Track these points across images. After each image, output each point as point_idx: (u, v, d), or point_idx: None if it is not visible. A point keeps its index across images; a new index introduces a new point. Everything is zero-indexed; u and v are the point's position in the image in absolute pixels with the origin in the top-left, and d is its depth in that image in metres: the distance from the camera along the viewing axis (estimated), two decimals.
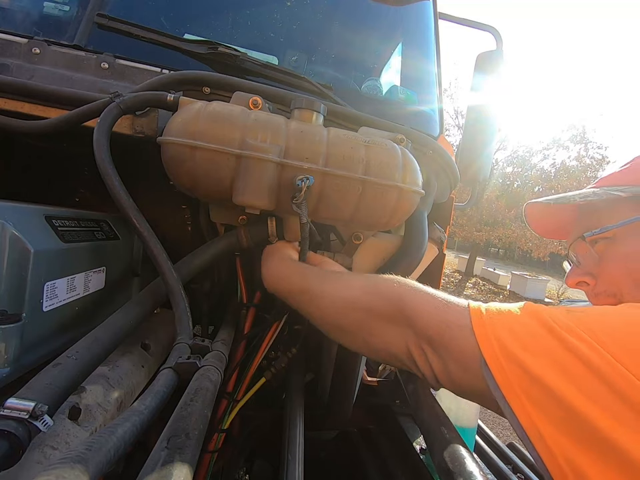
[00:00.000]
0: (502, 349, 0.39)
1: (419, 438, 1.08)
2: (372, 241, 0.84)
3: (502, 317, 0.43)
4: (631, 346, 0.35)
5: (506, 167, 16.13)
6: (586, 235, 0.59)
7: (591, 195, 0.59)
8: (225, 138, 0.62)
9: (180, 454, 0.35)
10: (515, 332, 0.40)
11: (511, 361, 0.38)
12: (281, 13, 1.18)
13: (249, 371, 0.83)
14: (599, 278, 0.59)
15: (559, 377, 0.35)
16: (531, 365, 0.37)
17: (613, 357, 0.34)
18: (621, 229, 0.56)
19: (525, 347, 0.38)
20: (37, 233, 0.53)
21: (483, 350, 0.41)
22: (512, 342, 0.39)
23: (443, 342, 0.46)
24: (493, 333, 0.41)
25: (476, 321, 0.43)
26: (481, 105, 1.25)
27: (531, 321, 0.41)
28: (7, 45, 0.80)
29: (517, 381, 0.37)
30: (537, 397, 0.36)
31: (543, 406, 0.36)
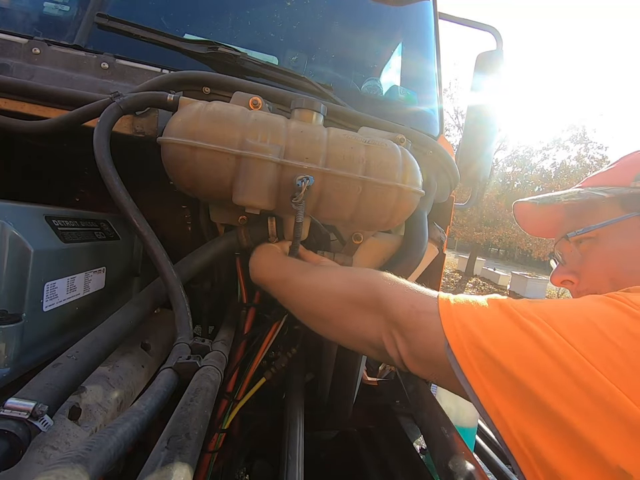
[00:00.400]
0: (464, 332, 0.42)
1: (419, 438, 1.08)
2: (372, 241, 0.84)
3: (467, 305, 0.45)
4: (582, 331, 0.37)
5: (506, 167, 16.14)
6: (569, 234, 0.61)
7: (576, 196, 0.61)
8: (224, 138, 0.62)
9: (180, 454, 0.35)
10: (478, 317, 0.43)
11: (472, 343, 0.41)
12: (281, 13, 1.18)
13: (249, 371, 0.83)
14: (582, 277, 0.60)
15: (514, 357, 0.38)
16: (490, 347, 0.40)
17: (566, 340, 0.37)
18: (604, 229, 0.57)
19: (486, 331, 0.41)
20: (37, 233, 0.53)
21: (447, 334, 0.43)
22: (474, 326, 0.42)
23: (411, 327, 0.48)
24: (457, 319, 0.44)
25: (443, 309, 0.46)
26: (481, 105, 1.25)
27: (494, 308, 0.44)
28: (6, 44, 0.80)
29: (477, 362, 0.40)
30: (494, 376, 0.39)
31: (499, 383, 0.38)
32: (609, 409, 0.33)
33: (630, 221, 0.54)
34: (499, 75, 1.24)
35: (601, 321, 0.38)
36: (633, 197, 0.55)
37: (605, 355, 0.35)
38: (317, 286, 0.62)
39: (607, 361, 0.35)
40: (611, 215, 0.57)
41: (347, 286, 0.58)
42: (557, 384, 0.35)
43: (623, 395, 0.33)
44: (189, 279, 0.70)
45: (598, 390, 0.33)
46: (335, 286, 0.59)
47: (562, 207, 0.66)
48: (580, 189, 0.62)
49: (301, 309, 0.65)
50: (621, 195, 0.56)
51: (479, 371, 0.40)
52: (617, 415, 0.32)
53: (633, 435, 0.32)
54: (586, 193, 0.59)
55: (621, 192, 0.56)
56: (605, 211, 0.58)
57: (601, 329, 0.37)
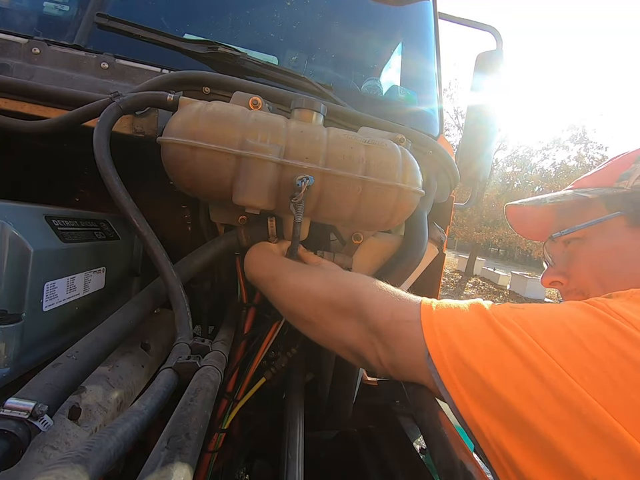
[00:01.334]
0: (444, 341, 0.42)
1: (418, 438, 1.07)
2: (372, 241, 0.84)
3: (449, 312, 0.45)
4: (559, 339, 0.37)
5: (506, 167, 16.13)
6: (554, 235, 0.61)
7: (561, 197, 0.61)
8: (225, 138, 0.62)
9: (180, 454, 0.35)
10: (459, 325, 0.43)
11: (451, 352, 0.41)
12: (281, 13, 1.18)
13: (249, 371, 0.83)
14: (570, 277, 0.60)
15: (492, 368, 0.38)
16: (468, 356, 0.39)
17: (543, 349, 0.36)
18: (590, 229, 0.57)
19: (465, 339, 0.41)
20: (37, 233, 0.53)
21: (428, 342, 0.43)
22: (453, 333, 0.42)
23: (392, 336, 0.47)
24: (438, 327, 0.43)
25: (425, 316, 0.45)
26: (481, 105, 1.25)
27: (474, 315, 0.43)
28: (6, 45, 0.80)
29: (455, 372, 0.40)
30: (471, 386, 0.38)
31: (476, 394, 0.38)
32: (585, 421, 0.32)
33: (614, 220, 0.55)
34: (499, 75, 1.24)
35: (579, 330, 0.37)
36: (617, 197, 0.55)
37: (581, 364, 0.34)
38: (300, 287, 0.61)
39: (584, 370, 0.34)
40: (596, 215, 0.57)
41: (328, 289, 0.57)
42: (533, 395, 0.35)
43: (599, 406, 0.32)
44: (189, 279, 0.70)
45: (574, 401, 0.33)
46: (317, 288, 0.58)
47: (551, 209, 0.67)
48: (568, 190, 0.63)
49: (284, 309, 0.64)
50: (604, 195, 0.56)
51: (457, 381, 0.39)
52: (593, 428, 0.32)
53: (609, 446, 0.31)
54: (571, 194, 0.60)
55: (604, 192, 0.56)
56: (591, 211, 0.58)
57: (578, 337, 0.36)
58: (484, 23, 1.40)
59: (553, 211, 0.67)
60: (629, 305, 0.38)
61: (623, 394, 0.32)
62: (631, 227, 0.53)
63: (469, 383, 0.39)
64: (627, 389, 0.32)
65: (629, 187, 0.54)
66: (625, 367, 0.33)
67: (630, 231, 0.53)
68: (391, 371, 0.50)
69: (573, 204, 0.61)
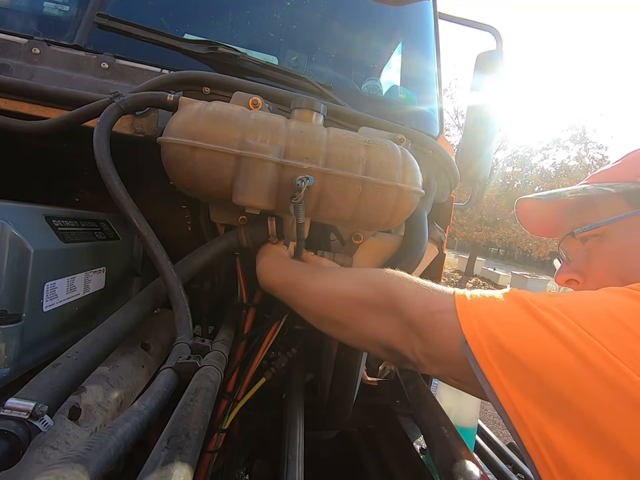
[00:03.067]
0: (482, 329, 0.41)
1: (419, 438, 1.07)
2: (372, 241, 0.84)
3: (485, 300, 0.44)
4: (603, 323, 0.36)
5: (506, 167, 16.14)
6: (576, 231, 0.59)
7: (582, 191, 0.59)
8: (224, 138, 0.62)
9: (180, 454, 0.35)
10: (495, 312, 0.42)
11: (490, 339, 0.40)
12: (281, 13, 1.18)
13: (249, 370, 0.83)
14: (588, 276, 0.58)
15: (533, 353, 0.37)
16: (508, 342, 0.39)
17: (588, 333, 0.36)
18: (611, 225, 0.55)
19: (503, 325, 0.40)
20: (37, 233, 0.53)
21: (465, 330, 0.42)
22: (491, 321, 0.41)
23: (427, 327, 0.47)
24: (474, 314, 0.43)
25: (460, 305, 0.45)
26: (481, 105, 1.25)
27: (511, 302, 0.43)
28: (6, 45, 0.80)
29: (495, 359, 0.39)
30: (512, 373, 0.38)
31: (517, 380, 0.37)
32: (634, 403, 0.32)
33: (637, 217, 0.53)
34: (499, 75, 1.24)
35: (622, 313, 0.37)
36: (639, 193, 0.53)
37: (628, 347, 0.34)
38: (328, 290, 0.60)
39: (631, 352, 0.33)
40: (617, 211, 0.55)
41: (358, 289, 0.57)
42: (578, 379, 0.34)
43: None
44: (189, 279, 0.70)
45: (622, 383, 0.32)
46: (347, 290, 0.57)
47: (565, 204, 0.65)
48: (586, 185, 0.60)
49: (313, 315, 0.62)
50: (627, 191, 0.54)
51: (497, 367, 0.38)
52: None
53: None
54: (592, 189, 0.57)
55: (627, 187, 0.54)
56: (612, 207, 0.56)
57: (622, 320, 0.36)
58: (484, 22, 1.40)
59: (567, 206, 0.65)
60: None
61: None
62: None
63: (508, 368, 0.38)
64: None
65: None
66: None
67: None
68: (426, 361, 0.49)
69: (590, 199, 0.59)
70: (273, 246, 0.76)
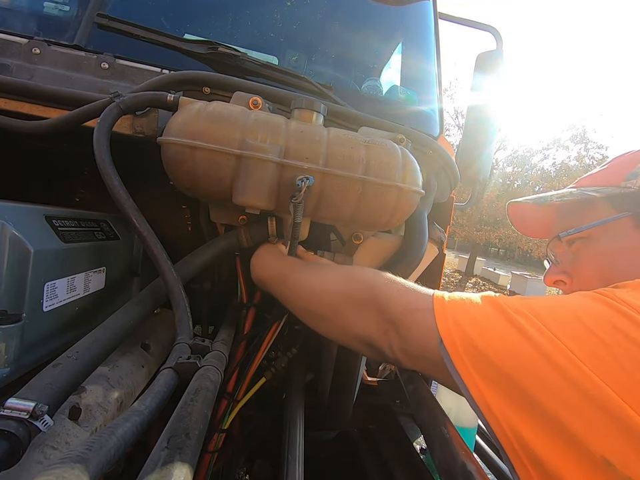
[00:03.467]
0: (457, 329, 0.43)
1: (419, 438, 1.08)
2: (372, 241, 0.84)
3: (461, 303, 0.46)
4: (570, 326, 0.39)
5: (506, 167, 16.15)
6: (561, 235, 0.61)
7: (567, 195, 0.61)
8: (224, 138, 0.62)
9: (180, 454, 0.35)
10: (471, 314, 0.44)
11: (464, 339, 0.42)
12: (281, 13, 1.18)
13: (249, 371, 0.83)
14: (574, 277, 0.60)
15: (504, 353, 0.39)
16: (481, 343, 0.41)
17: (554, 335, 0.38)
18: (595, 229, 0.57)
19: (477, 326, 0.42)
20: (37, 233, 0.53)
21: (440, 330, 0.44)
22: (466, 323, 0.43)
23: (406, 325, 0.49)
24: (451, 316, 0.45)
25: (437, 306, 0.47)
26: (481, 105, 1.24)
27: (486, 305, 0.45)
28: (6, 44, 0.80)
29: (469, 358, 0.41)
30: (484, 371, 0.40)
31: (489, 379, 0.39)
32: (595, 402, 0.34)
33: (621, 221, 0.54)
34: (499, 75, 1.24)
35: (587, 317, 0.39)
36: (624, 197, 0.55)
37: (590, 349, 0.36)
38: (314, 283, 0.62)
39: (593, 355, 0.35)
40: (602, 215, 0.57)
41: (344, 283, 0.59)
42: (544, 379, 0.36)
43: (608, 388, 0.33)
44: (189, 278, 0.70)
45: (584, 384, 0.34)
46: (333, 283, 0.60)
47: (554, 207, 0.66)
48: (572, 189, 0.62)
49: (298, 307, 0.65)
50: (612, 195, 0.56)
51: (471, 366, 0.41)
52: (602, 408, 0.33)
53: (617, 426, 0.33)
54: (578, 193, 0.59)
55: (612, 192, 0.56)
56: (597, 211, 0.58)
57: (587, 324, 0.38)
58: (484, 22, 1.39)
59: (556, 209, 0.67)
60: (635, 294, 0.40)
61: (630, 376, 0.34)
62: (638, 227, 0.53)
63: (481, 367, 0.40)
64: (634, 371, 0.34)
65: (636, 186, 0.54)
66: (632, 350, 0.35)
67: (636, 232, 0.53)
68: (403, 358, 0.51)
69: (578, 202, 0.61)
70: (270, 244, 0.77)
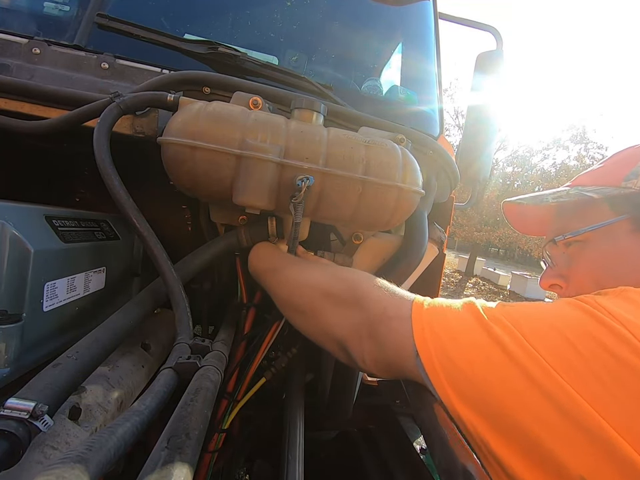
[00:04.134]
0: (433, 338, 0.42)
1: (419, 438, 1.07)
2: (372, 241, 0.84)
3: (440, 310, 0.45)
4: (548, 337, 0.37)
5: (506, 167, 16.16)
6: (557, 238, 0.59)
7: (564, 196, 0.58)
8: (224, 138, 0.62)
9: (180, 454, 0.35)
10: (448, 323, 0.43)
11: (438, 349, 0.41)
12: (281, 13, 1.18)
13: (249, 370, 0.83)
14: (570, 281, 0.58)
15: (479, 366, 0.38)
16: (455, 354, 0.40)
17: (530, 345, 0.36)
18: (592, 232, 0.55)
19: (453, 337, 0.41)
20: (37, 233, 0.53)
21: (416, 340, 0.43)
22: (442, 332, 0.42)
23: (383, 331, 0.48)
24: (428, 325, 0.43)
25: (415, 313, 0.46)
26: (481, 105, 1.25)
27: (465, 313, 0.43)
28: (6, 44, 0.80)
29: (442, 369, 0.40)
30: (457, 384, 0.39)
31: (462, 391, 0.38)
32: (571, 418, 0.32)
33: (619, 224, 0.52)
34: (499, 75, 1.24)
35: (566, 328, 0.37)
36: (623, 198, 0.52)
37: (568, 362, 0.34)
38: (299, 277, 0.63)
39: (570, 368, 0.34)
40: (600, 217, 0.54)
41: (327, 280, 0.59)
42: (519, 392, 0.35)
43: (585, 403, 0.32)
44: (189, 279, 0.70)
45: (560, 398, 0.33)
46: (316, 279, 0.60)
47: (549, 208, 0.64)
48: (569, 188, 0.60)
49: (280, 299, 0.65)
50: (610, 196, 0.54)
51: (444, 378, 0.40)
52: (579, 425, 0.32)
53: (593, 443, 0.31)
54: (575, 194, 0.57)
55: (610, 192, 0.53)
56: (594, 213, 0.55)
57: (566, 335, 0.36)
58: (484, 22, 1.39)
59: (550, 210, 0.65)
60: (617, 302, 0.38)
61: (608, 391, 0.32)
62: (636, 231, 0.50)
63: (454, 380, 0.39)
64: (612, 386, 0.32)
65: (637, 187, 0.51)
66: (610, 363, 0.33)
67: (635, 236, 0.50)
68: (374, 367, 0.50)
69: (575, 203, 0.58)
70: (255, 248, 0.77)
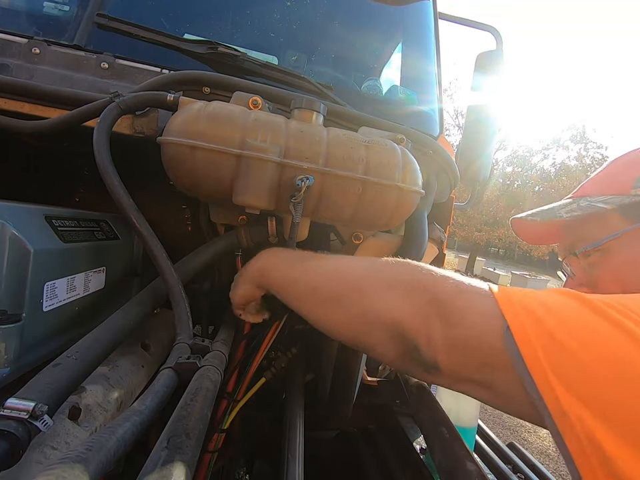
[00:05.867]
0: (529, 317, 0.35)
1: (419, 438, 1.07)
2: (372, 241, 0.84)
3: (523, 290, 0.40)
4: None
5: (506, 167, 16.18)
6: (577, 251, 0.60)
7: (577, 210, 0.59)
8: (224, 138, 0.62)
9: (180, 454, 0.35)
10: (545, 303, 0.36)
11: (541, 329, 0.34)
12: (281, 13, 1.18)
13: (249, 371, 0.83)
14: (596, 287, 0.59)
15: (592, 346, 0.32)
16: (565, 336, 0.33)
17: None
18: (612, 241, 0.56)
19: (557, 317, 0.34)
20: (37, 233, 0.53)
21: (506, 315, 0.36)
22: (542, 311, 0.35)
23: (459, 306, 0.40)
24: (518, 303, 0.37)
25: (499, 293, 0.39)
26: (481, 105, 1.24)
27: (555, 294, 0.38)
28: (7, 44, 0.80)
29: (544, 352, 0.33)
30: (564, 371, 0.32)
31: (570, 381, 0.32)
32: None
33: (636, 230, 0.53)
34: (499, 75, 1.24)
35: None
36: (635, 206, 0.53)
37: None
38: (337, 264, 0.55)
39: None
40: (615, 227, 0.55)
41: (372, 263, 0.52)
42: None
43: None
44: (189, 279, 0.70)
45: None
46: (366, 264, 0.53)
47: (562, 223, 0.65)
48: (578, 199, 0.60)
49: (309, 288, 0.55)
50: (622, 205, 0.54)
51: (545, 361, 0.33)
52: None
53: None
54: (586, 206, 0.58)
55: (621, 202, 0.54)
56: (609, 223, 0.56)
57: None
58: (484, 22, 1.40)
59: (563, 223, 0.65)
60: None
61: None
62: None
63: (559, 363, 0.32)
64: None
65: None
66: None
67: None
68: (444, 349, 0.41)
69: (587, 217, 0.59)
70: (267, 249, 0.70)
